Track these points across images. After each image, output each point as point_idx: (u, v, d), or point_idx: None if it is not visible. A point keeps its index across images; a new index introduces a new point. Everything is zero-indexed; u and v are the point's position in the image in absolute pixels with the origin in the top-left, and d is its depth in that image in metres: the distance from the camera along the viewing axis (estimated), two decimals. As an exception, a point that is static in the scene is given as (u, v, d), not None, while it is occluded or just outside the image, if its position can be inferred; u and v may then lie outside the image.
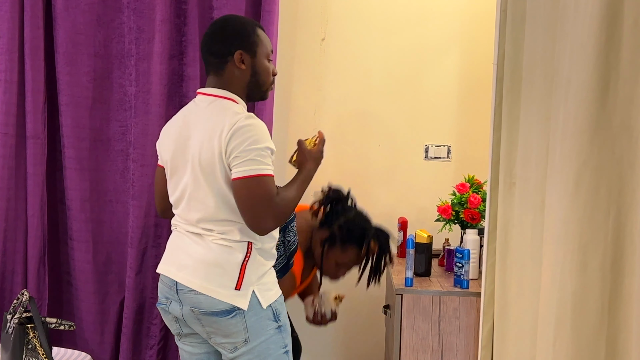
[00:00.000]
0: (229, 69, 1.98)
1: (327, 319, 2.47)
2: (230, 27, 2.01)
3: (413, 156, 3.24)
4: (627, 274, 1.76)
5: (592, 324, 1.80)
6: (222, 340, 1.95)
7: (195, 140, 1.94)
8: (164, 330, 2.92)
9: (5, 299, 2.86)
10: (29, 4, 2.77)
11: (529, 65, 2.02)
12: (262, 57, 2.01)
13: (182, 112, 2.09)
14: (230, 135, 1.85)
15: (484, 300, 2.21)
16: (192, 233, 1.98)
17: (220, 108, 1.95)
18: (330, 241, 2.38)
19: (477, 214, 2.74)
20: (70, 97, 2.85)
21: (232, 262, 1.91)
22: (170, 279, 1.97)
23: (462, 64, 3.21)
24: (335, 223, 2.38)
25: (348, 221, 2.39)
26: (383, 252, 2.42)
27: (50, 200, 2.92)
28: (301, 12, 3.20)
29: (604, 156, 1.78)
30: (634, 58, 1.73)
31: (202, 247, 1.94)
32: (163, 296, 2.03)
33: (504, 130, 2.11)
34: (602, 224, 1.78)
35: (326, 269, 2.43)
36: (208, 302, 1.90)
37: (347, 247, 2.39)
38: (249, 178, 1.85)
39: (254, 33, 2.01)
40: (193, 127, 1.97)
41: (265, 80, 2.03)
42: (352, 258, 2.41)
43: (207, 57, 2.02)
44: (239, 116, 1.89)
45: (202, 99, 2.01)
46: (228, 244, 1.92)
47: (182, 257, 1.98)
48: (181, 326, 2.03)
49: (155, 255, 2.90)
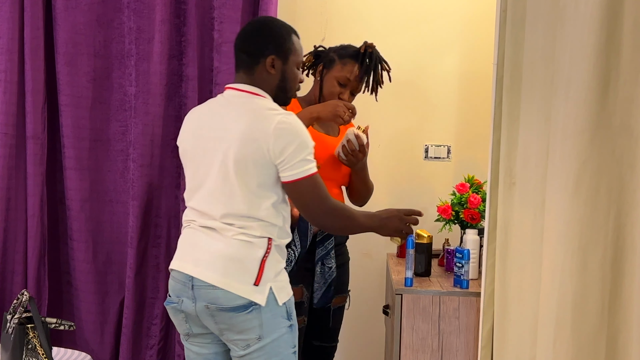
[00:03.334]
0: (259, 69, 2.02)
1: (357, 150, 2.42)
2: (268, 29, 2.04)
3: (413, 156, 3.24)
4: (627, 274, 1.76)
5: (592, 324, 1.80)
6: (235, 337, 1.94)
7: (227, 135, 1.94)
8: (164, 330, 2.93)
9: (5, 299, 2.86)
10: (29, 4, 2.77)
11: (529, 65, 2.02)
12: (292, 64, 2.05)
13: (207, 105, 2.10)
14: (276, 134, 1.89)
15: (484, 300, 2.21)
16: (207, 228, 1.98)
17: (255, 104, 1.98)
18: (329, 62, 2.46)
19: (477, 214, 2.73)
20: (70, 97, 2.85)
21: (252, 257, 1.92)
22: (185, 275, 1.97)
23: (462, 64, 3.21)
24: (330, 51, 2.51)
25: (341, 46, 2.54)
26: (380, 60, 2.53)
27: (50, 200, 2.92)
28: (301, 12, 3.20)
29: (604, 156, 1.78)
30: (634, 58, 1.73)
31: (220, 242, 1.94)
32: (174, 294, 2.02)
33: (504, 130, 2.10)
34: (602, 224, 1.79)
35: (328, 91, 2.45)
36: (226, 297, 1.90)
37: (346, 61, 2.46)
38: (300, 181, 1.92)
39: (289, 40, 2.04)
40: (222, 121, 1.98)
41: (291, 87, 2.08)
42: (352, 70, 2.46)
43: (239, 54, 2.05)
44: (279, 115, 1.92)
45: (233, 94, 2.03)
46: (248, 239, 1.93)
47: (198, 253, 1.97)
48: (191, 326, 2.02)
49: (155, 255, 2.91)
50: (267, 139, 1.88)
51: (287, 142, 1.89)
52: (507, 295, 2.11)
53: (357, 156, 2.42)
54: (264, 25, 2.07)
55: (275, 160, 1.91)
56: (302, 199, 1.96)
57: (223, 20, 2.77)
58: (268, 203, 1.95)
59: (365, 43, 2.50)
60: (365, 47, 2.49)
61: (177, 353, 2.89)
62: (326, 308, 2.50)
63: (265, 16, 2.12)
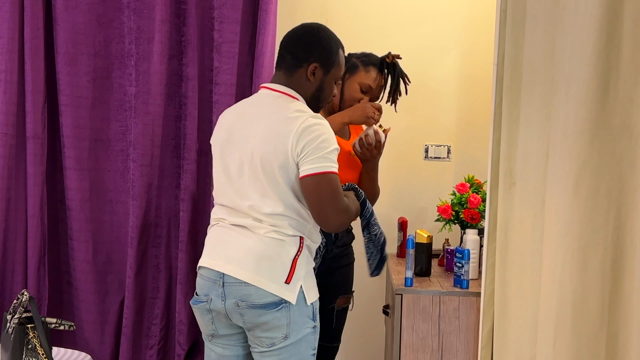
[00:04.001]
0: (299, 74, 2.04)
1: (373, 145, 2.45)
2: (319, 38, 2.07)
3: (413, 156, 3.24)
4: (627, 274, 1.76)
5: (592, 324, 1.80)
6: (262, 334, 1.95)
7: (256, 133, 1.96)
8: (164, 330, 2.93)
9: (5, 299, 2.86)
10: (29, 4, 2.77)
11: (529, 65, 2.02)
12: (332, 77, 2.09)
13: (243, 104, 2.12)
14: (299, 133, 1.91)
15: (484, 300, 2.21)
16: (238, 226, 1.99)
17: (285, 105, 1.99)
18: (351, 68, 2.48)
19: (477, 214, 2.74)
20: (70, 97, 2.85)
21: (284, 255, 1.94)
22: (216, 272, 1.97)
23: (462, 64, 3.21)
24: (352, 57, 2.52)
25: (363, 53, 2.58)
26: (401, 74, 2.59)
27: (50, 200, 2.92)
28: (301, 12, 3.20)
29: (604, 156, 1.78)
30: (634, 58, 1.73)
31: (252, 240, 1.95)
32: (203, 293, 2.02)
33: (504, 130, 2.11)
34: (602, 224, 1.79)
35: (350, 96, 2.48)
36: (258, 294, 1.91)
37: (370, 68, 2.50)
38: (318, 175, 1.91)
39: (336, 53, 2.08)
40: (254, 119, 2.00)
41: (325, 98, 2.11)
42: (375, 78, 2.50)
43: (284, 53, 2.07)
44: (306, 114, 1.94)
45: (268, 93, 2.05)
46: (280, 237, 1.95)
47: (230, 250, 1.98)
48: (217, 327, 2.02)
49: (155, 255, 2.91)
50: (291, 137, 1.91)
51: (309, 139, 1.91)
52: (507, 295, 2.11)
53: (371, 151, 2.46)
54: (316, 31, 2.09)
55: (297, 158, 1.92)
56: (317, 196, 1.93)
57: (223, 20, 2.77)
58: (298, 202, 1.97)
59: (391, 53, 2.55)
60: (392, 57, 2.55)
61: (177, 353, 2.89)
62: (330, 309, 2.50)
63: (318, 23, 2.15)
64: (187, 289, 2.85)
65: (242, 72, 2.80)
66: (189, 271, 2.86)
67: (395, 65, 2.57)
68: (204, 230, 2.87)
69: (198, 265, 2.07)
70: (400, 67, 2.59)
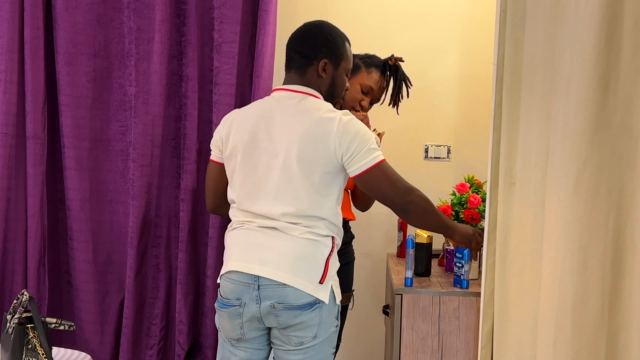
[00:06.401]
0: (311, 72, 2.07)
1: None
2: (324, 34, 2.09)
3: (413, 156, 3.24)
4: (627, 274, 1.76)
5: (592, 324, 1.80)
6: (292, 333, 1.96)
7: (288, 136, 1.97)
8: (164, 330, 2.92)
9: (5, 299, 2.86)
10: (29, 4, 2.77)
11: (529, 65, 2.02)
12: (343, 71, 2.12)
13: (254, 107, 2.11)
14: (340, 134, 1.95)
15: (484, 300, 2.21)
16: (268, 228, 1.99)
17: (314, 105, 2.01)
18: (353, 68, 2.47)
19: (477, 214, 2.74)
20: (70, 97, 2.85)
21: (319, 255, 1.96)
22: (250, 275, 1.96)
23: (462, 64, 3.21)
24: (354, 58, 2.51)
25: (366, 54, 2.61)
26: (403, 77, 2.63)
27: (50, 200, 2.92)
28: (301, 12, 3.20)
29: (604, 156, 1.78)
30: (634, 58, 1.73)
31: (287, 242, 1.96)
32: (234, 297, 1.99)
33: (504, 130, 2.11)
34: (602, 224, 1.78)
35: (350, 96, 2.49)
36: (295, 295, 1.92)
37: (372, 70, 2.53)
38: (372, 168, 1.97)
39: (343, 46, 2.10)
40: (283, 122, 2.00)
41: (339, 92, 2.13)
42: (376, 80, 2.53)
43: (292, 53, 2.09)
44: (337, 113, 1.98)
45: (286, 95, 2.05)
46: (315, 238, 1.96)
47: (264, 253, 1.97)
48: (245, 331, 2.01)
49: (155, 255, 2.91)
50: (332, 139, 1.94)
51: (351, 138, 1.95)
52: (507, 295, 2.11)
53: None
54: (320, 28, 2.11)
55: (343, 158, 1.96)
56: (377, 187, 2.00)
57: (223, 20, 2.77)
58: (330, 202, 1.99)
59: (393, 56, 2.57)
60: (395, 60, 2.57)
61: (177, 353, 2.89)
62: None
63: (321, 20, 2.16)
64: (187, 289, 2.85)
65: (242, 72, 2.80)
66: (189, 271, 2.86)
67: (398, 68, 2.58)
68: (204, 230, 2.88)
69: (225, 269, 2.04)
70: (403, 70, 2.61)
